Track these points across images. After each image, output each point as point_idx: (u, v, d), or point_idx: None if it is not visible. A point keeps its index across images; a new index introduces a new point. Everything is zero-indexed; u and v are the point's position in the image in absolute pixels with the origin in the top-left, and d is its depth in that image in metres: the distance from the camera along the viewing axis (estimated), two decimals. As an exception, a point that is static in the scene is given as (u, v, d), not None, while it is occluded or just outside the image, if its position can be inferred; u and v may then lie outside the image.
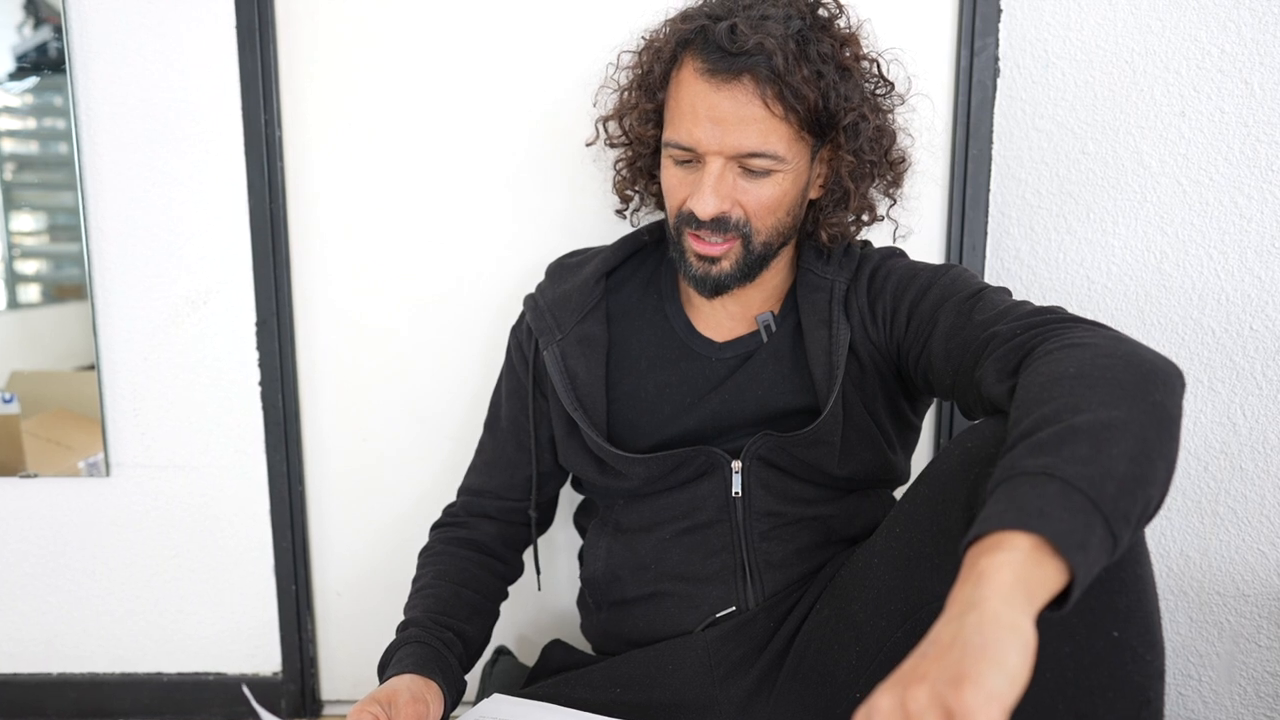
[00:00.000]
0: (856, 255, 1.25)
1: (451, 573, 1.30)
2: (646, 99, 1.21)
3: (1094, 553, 0.73)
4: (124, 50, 1.51)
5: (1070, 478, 0.75)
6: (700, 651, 1.20)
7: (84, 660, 1.73)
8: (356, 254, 1.58)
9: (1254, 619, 1.61)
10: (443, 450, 1.64)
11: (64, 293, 1.61)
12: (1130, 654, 0.88)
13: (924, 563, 1.02)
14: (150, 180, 1.55)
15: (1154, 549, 1.59)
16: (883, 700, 0.68)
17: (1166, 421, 0.83)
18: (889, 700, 0.67)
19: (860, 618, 1.09)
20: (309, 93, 1.53)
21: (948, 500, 1.00)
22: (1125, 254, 1.53)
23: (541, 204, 1.55)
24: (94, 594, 1.70)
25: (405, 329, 1.60)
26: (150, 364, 1.61)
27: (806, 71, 1.08)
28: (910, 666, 0.69)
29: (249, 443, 1.63)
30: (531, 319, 1.30)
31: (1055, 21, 1.48)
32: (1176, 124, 1.49)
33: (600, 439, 1.23)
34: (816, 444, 1.18)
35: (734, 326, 1.26)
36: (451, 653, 1.20)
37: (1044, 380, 0.88)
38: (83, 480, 1.66)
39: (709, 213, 1.12)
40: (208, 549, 1.68)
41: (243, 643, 1.72)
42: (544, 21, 1.50)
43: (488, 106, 1.52)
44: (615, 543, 1.29)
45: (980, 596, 0.69)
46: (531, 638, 1.70)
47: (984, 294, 1.11)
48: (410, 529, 1.63)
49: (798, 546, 1.21)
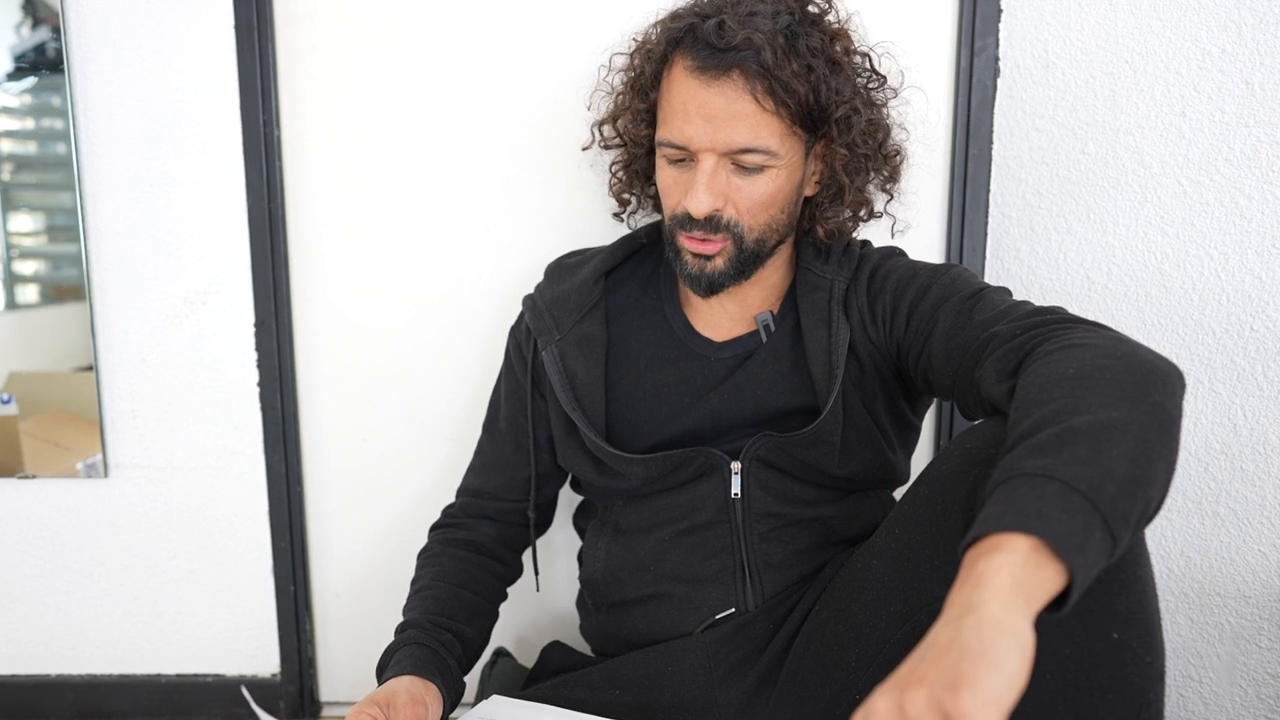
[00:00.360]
0: (856, 255, 1.25)
1: (450, 574, 1.30)
2: (639, 100, 1.21)
3: (1093, 554, 0.73)
4: (122, 50, 1.52)
5: (1069, 479, 0.75)
6: (699, 653, 1.20)
7: (82, 662, 1.73)
8: (355, 254, 1.58)
9: (1255, 620, 1.61)
10: (441, 451, 1.64)
11: (62, 293, 1.61)
12: (1130, 656, 0.87)
13: (924, 564, 1.02)
14: (148, 180, 1.56)
15: (1154, 550, 1.60)
16: (880, 703, 0.68)
17: (1166, 422, 0.83)
18: (886, 703, 0.67)
19: (860, 619, 1.09)
20: (308, 92, 1.54)
21: (947, 501, 1.00)
22: (1126, 254, 1.53)
23: (540, 204, 1.55)
24: (92, 595, 1.71)
25: (404, 329, 1.60)
26: (149, 365, 1.61)
27: (796, 66, 1.09)
28: (908, 669, 0.69)
29: (247, 444, 1.64)
30: (530, 319, 1.30)
31: (1055, 21, 1.48)
32: (1177, 124, 1.49)
33: (599, 439, 1.23)
34: (816, 444, 1.18)
35: (733, 326, 1.26)
36: (450, 654, 1.20)
37: (1043, 381, 0.88)
38: (81, 481, 1.66)
39: (703, 210, 1.12)
40: (206, 550, 1.68)
41: (241, 644, 1.72)
42: (544, 21, 1.50)
43: (487, 106, 1.53)
44: (614, 544, 1.29)
45: (979, 599, 0.69)
46: (530, 639, 1.70)
47: (984, 294, 1.11)
48: (409, 530, 1.63)
49: (797, 548, 1.21)
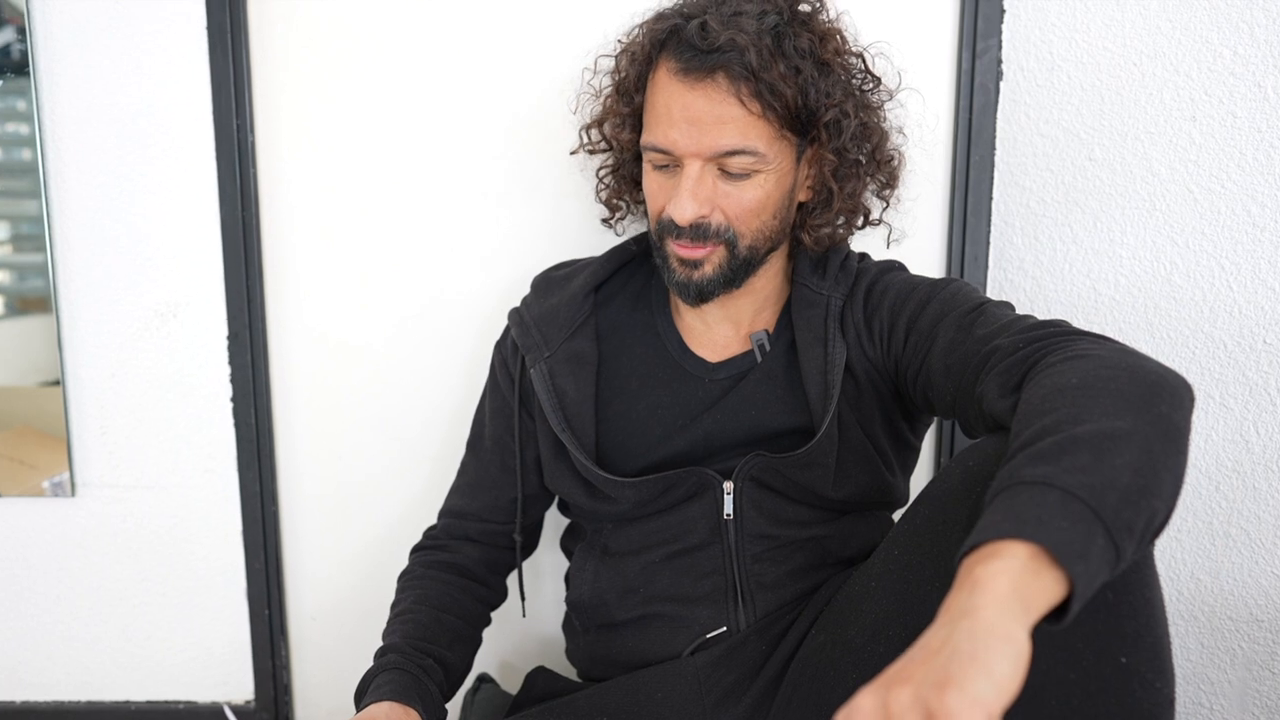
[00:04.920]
0: (853, 269, 1.26)
1: (432, 597, 1.30)
2: (624, 103, 1.22)
3: (1095, 564, 0.74)
4: (90, 53, 1.52)
5: (1070, 486, 0.75)
6: (690, 678, 1.20)
7: (49, 688, 1.73)
8: (333, 265, 1.58)
9: (1268, 645, 1.61)
10: (423, 470, 1.64)
11: (28, 305, 1.61)
12: (1139, 681, 0.87)
13: (924, 586, 1.02)
14: (118, 188, 1.56)
15: (1163, 572, 1.60)
16: (865, 700, 0.69)
17: (1173, 434, 0.83)
18: (871, 700, 0.68)
19: (858, 643, 1.09)
20: (283, 97, 1.54)
21: (949, 521, 1.00)
22: (1133, 264, 1.54)
23: (526, 212, 1.55)
24: (58, 619, 1.70)
25: (384, 343, 1.60)
26: (118, 379, 1.61)
27: (783, 67, 1.09)
28: (896, 669, 0.70)
29: (220, 461, 1.63)
30: (517, 335, 1.30)
31: (1060, 22, 1.49)
32: (1187, 129, 1.50)
33: (589, 462, 1.23)
34: (810, 466, 1.18)
35: (728, 345, 1.27)
36: (432, 680, 1.21)
37: (1046, 392, 0.89)
38: (47, 500, 1.66)
39: (687, 218, 1.12)
40: (177, 572, 1.68)
41: (214, 669, 1.72)
42: (530, 21, 1.50)
43: (470, 111, 1.53)
44: (603, 566, 1.29)
45: (974, 604, 0.70)
46: (515, 664, 1.70)
47: (985, 308, 1.11)
48: (389, 551, 1.63)
49: (791, 568, 1.22)
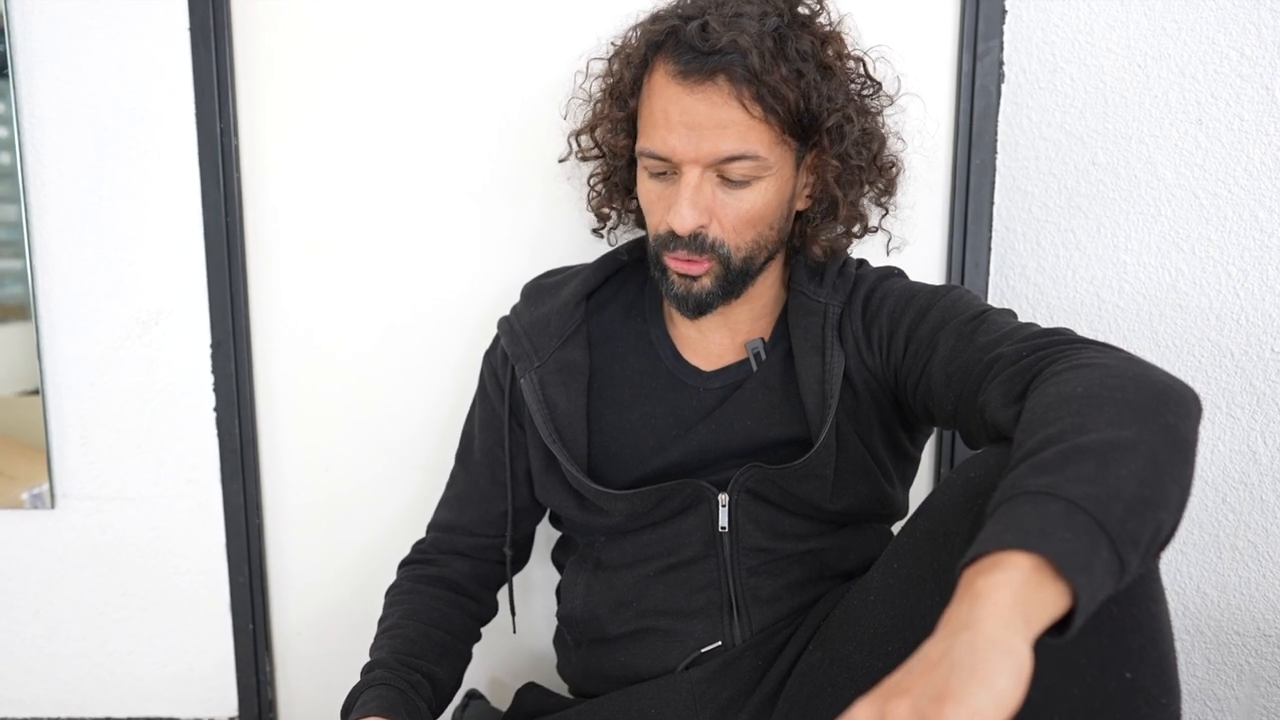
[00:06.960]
0: (852, 276, 1.25)
1: (420, 612, 1.30)
2: (617, 108, 1.21)
3: (1099, 575, 0.73)
4: (70, 54, 1.51)
5: (1074, 497, 0.75)
6: (684, 694, 1.20)
7: (27, 705, 1.73)
8: (319, 271, 1.58)
9: (1275, 660, 1.61)
10: (411, 482, 1.63)
11: (6, 312, 1.60)
12: (1144, 697, 0.87)
13: (924, 601, 1.02)
14: (98, 192, 1.55)
15: (1169, 586, 1.60)
16: (862, 711, 0.68)
17: (1180, 444, 0.83)
18: (868, 712, 0.68)
19: (856, 659, 1.09)
20: (267, 99, 1.53)
21: (950, 534, 1.00)
22: (1138, 271, 1.54)
23: (515, 220, 1.55)
24: (38, 634, 1.70)
25: (371, 351, 1.60)
26: (98, 389, 1.61)
27: (785, 70, 1.09)
28: (894, 681, 0.69)
29: (203, 472, 1.63)
30: (507, 344, 1.30)
31: (1063, 23, 1.49)
32: (1193, 132, 1.50)
33: (581, 474, 1.23)
34: (808, 477, 1.18)
35: (722, 354, 1.26)
36: (420, 696, 1.20)
37: (1050, 401, 0.88)
38: (26, 513, 1.65)
39: (687, 227, 1.12)
40: (159, 585, 1.68)
41: (197, 685, 1.71)
42: (521, 24, 1.50)
43: (460, 116, 1.52)
44: (595, 580, 1.29)
45: (975, 616, 0.69)
46: (504, 680, 1.70)
47: (987, 316, 1.11)
48: (376, 565, 1.62)
49: (788, 581, 1.21)
